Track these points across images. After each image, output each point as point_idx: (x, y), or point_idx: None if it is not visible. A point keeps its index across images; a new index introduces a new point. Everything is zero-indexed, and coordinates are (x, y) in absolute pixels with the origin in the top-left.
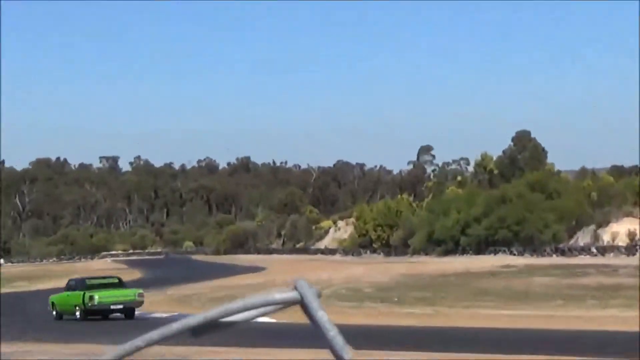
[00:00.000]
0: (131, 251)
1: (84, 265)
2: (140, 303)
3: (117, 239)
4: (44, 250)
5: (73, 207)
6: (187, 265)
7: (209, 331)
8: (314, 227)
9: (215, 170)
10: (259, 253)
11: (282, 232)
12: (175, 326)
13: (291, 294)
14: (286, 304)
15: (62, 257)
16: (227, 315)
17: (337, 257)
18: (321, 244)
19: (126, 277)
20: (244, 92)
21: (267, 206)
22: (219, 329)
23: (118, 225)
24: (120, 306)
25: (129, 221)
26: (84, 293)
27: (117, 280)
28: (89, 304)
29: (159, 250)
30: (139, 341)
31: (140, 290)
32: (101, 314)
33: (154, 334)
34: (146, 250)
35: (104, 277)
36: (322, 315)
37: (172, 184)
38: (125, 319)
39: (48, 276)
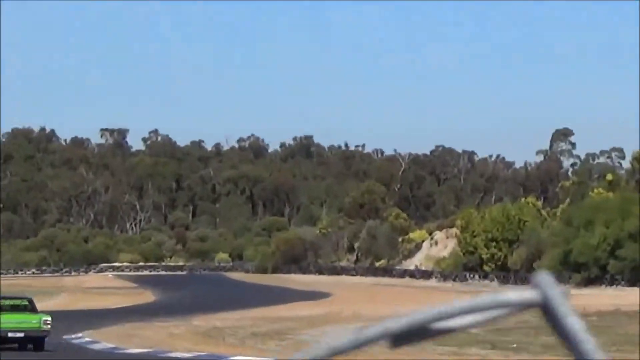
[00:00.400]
0: (141, 264)
1: (74, 281)
2: (46, 332)
3: (122, 246)
4: (20, 257)
5: (62, 199)
6: (220, 286)
7: (412, 340)
8: (400, 240)
9: (262, 153)
10: (321, 273)
11: (356, 245)
12: (371, 332)
13: (530, 294)
14: (523, 306)
15: (44, 267)
16: (440, 319)
17: (433, 282)
18: (410, 263)
19: (135, 299)
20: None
21: (335, 207)
22: (425, 338)
23: (124, 227)
24: (21, 334)
25: (140, 221)
26: None
27: (26, 303)
28: None
29: (180, 263)
30: (324, 350)
31: (47, 317)
32: None
33: (345, 342)
34: (163, 263)
35: (15, 298)
36: (573, 322)
37: (201, 172)
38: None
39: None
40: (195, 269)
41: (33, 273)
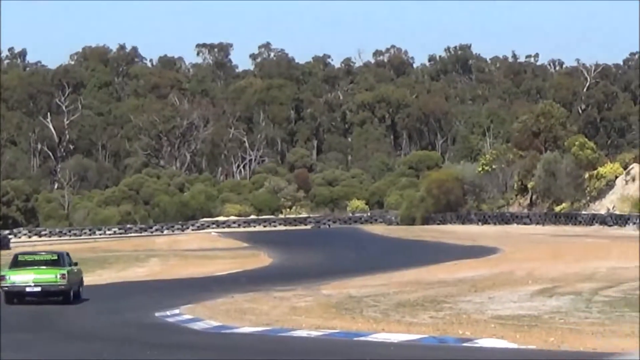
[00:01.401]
0: (253, 217)
1: (167, 242)
2: (63, 285)
3: (228, 195)
4: (98, 212)
5: (149, 136)
6: (356, 242)
7: None
8: (587, 176)
9: (406, 70)
10: (485, 222)
11: (529, 185)
12: None
13: None
14: None
15: (129, 225)
16: None
17: (630, 229)
18: (600, 207)
19: (246, 263)
20: None
21: (502, 136)
22: None
23: (230, 171)
24: (38, 289)
25: (250, 162)
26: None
27: (56, 257)
28: (3, 285)
29: (303, 215)
30: None
31: (64, 271)
32: (17, 297)
33: None
34: (280, 216)
35: (44, 253)
36: None
37: (327, 95)
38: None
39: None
40: (323, 221)
41: (115, 233)
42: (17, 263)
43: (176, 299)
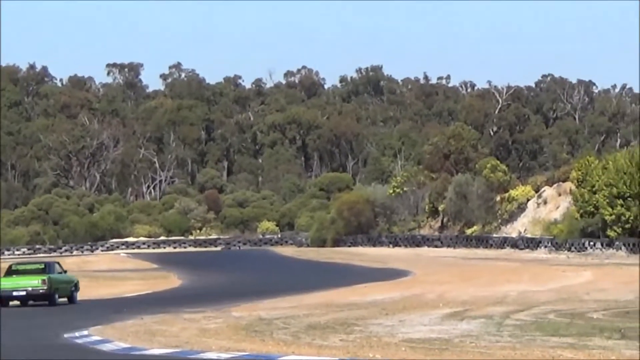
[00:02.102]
0: (163, 238)
1: (76, 263)
2: (44, 289)
3: (138, 216)
4: (6, 233)
5: (58, 157)
6: (266, 264)
7: None
8: (498, 198)
9: (317, 91)
10: (396, 244)
11: (440, 207)
12: None
13: None
14: None
15: (38, 246)
16: None
17: (542, 253)
18: (511, 230)
19: (155, 284)
20: None
21: (413, 158)
22: None
23: (140, 191)
24: (23, 293)
25: (160, 183)
26: None
27: (42, 266)
28: None
29: (213, 237)
30: None
31: (44, 277)
32: (2, 301)
33: None
34: (190, 237)
35: (33, 263)
36: None
37: (237, 116)
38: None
39: None
40: (233, 243)
41: (24, 253)
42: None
43: (85, 320)
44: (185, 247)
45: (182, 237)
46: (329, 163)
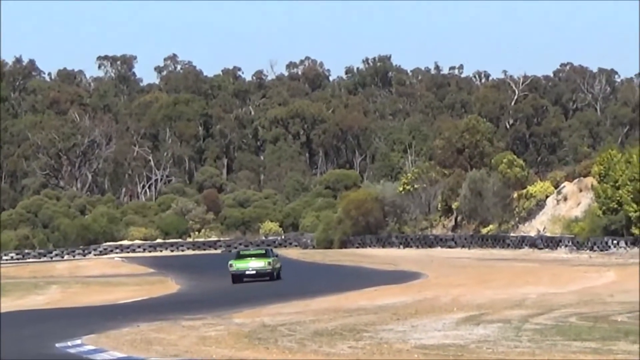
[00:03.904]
0: (159, 241)
1: (67, 268)
2: (270, 269)
3: (132, 217)
4: None
5: (47, 155)
6: None
7: None
8: (515, 195)
9: (322, 83)
10: (407, 245)
11: (454, 205)
12: None
13: None
14: None
15: (27, 251)
16: None
17: (562, 252)
18: (529, 228)
19: (152, 290)
20: None
21: (424, 153)
22: None
23: (134, 191)
24: (253, 272)
25: (156, 182)
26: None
27: (264, 252)
28: (230, 270)
29: (213, 239)
30: None
31: (270, 259)
32: (239, 277)
33: None
34: (189, 240)
35: (256, 247)
36: None
37: (238, 111)
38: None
39: None
40: (234, 245)
41: (12, 258)
42: None
43: (78, 329)
44: (183, 250)
45: (179, 240)
46: (334, 159)
